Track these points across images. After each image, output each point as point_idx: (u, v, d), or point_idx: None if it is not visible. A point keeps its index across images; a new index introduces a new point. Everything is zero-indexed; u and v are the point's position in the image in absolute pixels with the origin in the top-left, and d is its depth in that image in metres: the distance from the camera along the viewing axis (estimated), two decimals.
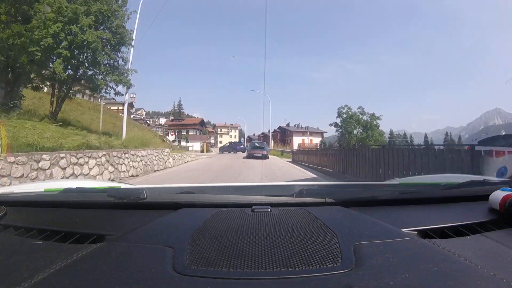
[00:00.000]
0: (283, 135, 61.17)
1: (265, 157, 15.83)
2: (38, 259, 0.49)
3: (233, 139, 77.80)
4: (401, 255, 0.47)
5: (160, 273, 0.42)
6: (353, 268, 0.43)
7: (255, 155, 15.89)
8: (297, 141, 53.82)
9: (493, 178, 1.06)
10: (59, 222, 0.73)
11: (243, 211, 0.73)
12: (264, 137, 66.70)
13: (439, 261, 0.45)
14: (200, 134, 63.60)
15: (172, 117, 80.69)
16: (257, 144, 18.40)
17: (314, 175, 8.69)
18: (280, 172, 9.46)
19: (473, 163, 3.71)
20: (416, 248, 0.51)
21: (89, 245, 0.55)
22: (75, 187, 1.03)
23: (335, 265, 0.44)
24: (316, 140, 56.36)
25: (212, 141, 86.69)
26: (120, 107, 62.66)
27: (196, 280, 0.41)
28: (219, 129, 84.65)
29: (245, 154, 19.12)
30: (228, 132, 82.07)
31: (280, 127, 63.76)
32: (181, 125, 65.63)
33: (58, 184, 1.21)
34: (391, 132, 59.26)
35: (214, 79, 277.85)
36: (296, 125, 63.91)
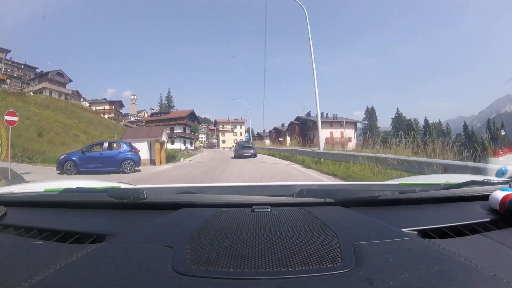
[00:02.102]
0: (303, 127, 45.25)
1: (254, 155, 16.66)
2: (38, 259, 0.49)
3: (238, 137, 58.64)
4: (401, 255, 0.47)
5: (160, 273, 0.42)
6: (353, 268, 0.43)
7: (244, 154, 16.48)
8: (323, 134, 35.68)
9: (493, 178, 1.06)
10: (59, 222, 0.73)
11: (243, 211, 0.73)
12: (277, 132, 53.38)
13: (439, 261, 0.45)
14: (189, 131, 50.46)
15: (152, 110, 65.21)
16: (245, 144, 19.24)
17: None
18: None
19: None
20: (416, 248, 0.51)
21: (89, 245, 0.55)
22: (75, 187, 1.03)
23: (335, 265, 0.44)
24: (349, 133, 40.79)
25: (214, 140, 71.07)
26: (107, 107, 54.86)
27: (196, 280, 0.41)
28: (221, 126, 67.78)
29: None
30: (232, 129, 65.86)
31: (298, 118, 47.88)
32: (162, 120, 49.27)
33: (58, 184, 1.21)
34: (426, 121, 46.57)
35: (216, 77, 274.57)
36: (321, 114, 46.19)
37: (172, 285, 0.40)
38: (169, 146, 39.24)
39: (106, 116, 52.34)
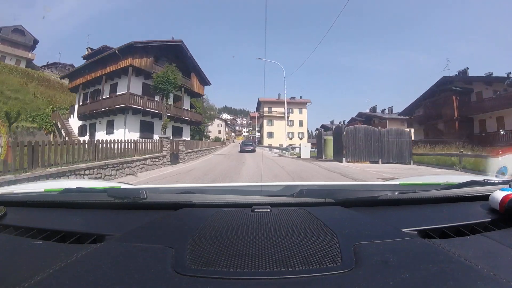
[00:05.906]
0: (468, 103, 18.93)
1: (252, 151, 22.85)
2: (38, 259, 0.49)
3: (296, 129, 36.71)
4: (401, 255, 0.47)
5: (160, 273, 0.42)
6: (353, 268, 0.43)
7: (246, 150, 22.87)
8: None
9: (493, 178, 1.06)
10: (59, 222, 0.73)
11: (243, 211, 0.73)
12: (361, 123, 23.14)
13: (439, 261, 0.45)
14: (165, 95, 14.47)
15: (89, 50, 22.89)
16: (247, 143, 26.17)
17: None
18: None
19: None
20: (416, 248, 0.51)
21: (89, 245, 0.55)
22: (75, 187, 1.03)
23: (335, 265, 0.44)
24: None
25: (257, 134, 45.38)
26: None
27: (196, 280, 0.41)
28: (266, 109, 40.98)
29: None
30: (288, 113, 33.17)
31: (447, 81, 20.42)
32: (94, 65, 17.61)
33: (58, 184, 1.21)
34: None
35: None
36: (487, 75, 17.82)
37: (172, 285, 0.40)
38: (102, 136, 12.85)
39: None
